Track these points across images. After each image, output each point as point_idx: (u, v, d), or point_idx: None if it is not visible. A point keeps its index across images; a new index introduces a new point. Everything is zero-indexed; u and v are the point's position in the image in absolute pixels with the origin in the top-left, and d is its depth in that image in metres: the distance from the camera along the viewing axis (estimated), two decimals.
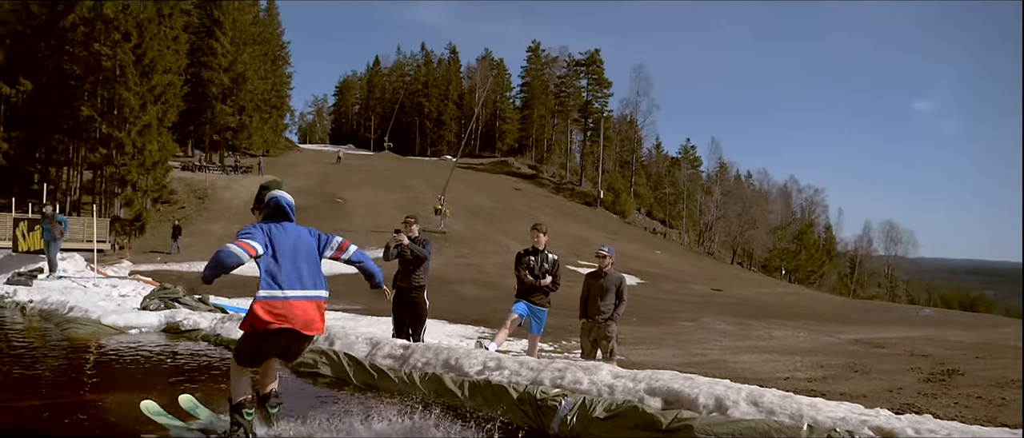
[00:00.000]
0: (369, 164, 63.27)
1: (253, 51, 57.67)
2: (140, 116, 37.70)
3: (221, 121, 54.64)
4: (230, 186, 46.93)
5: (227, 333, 7.74)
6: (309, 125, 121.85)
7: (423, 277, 8.00)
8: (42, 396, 5.46)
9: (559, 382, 5.07)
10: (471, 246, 38.25)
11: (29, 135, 41.59)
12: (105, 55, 37.47)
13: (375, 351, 6.33)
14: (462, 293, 24.53)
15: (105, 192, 39.34)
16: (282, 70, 70.87)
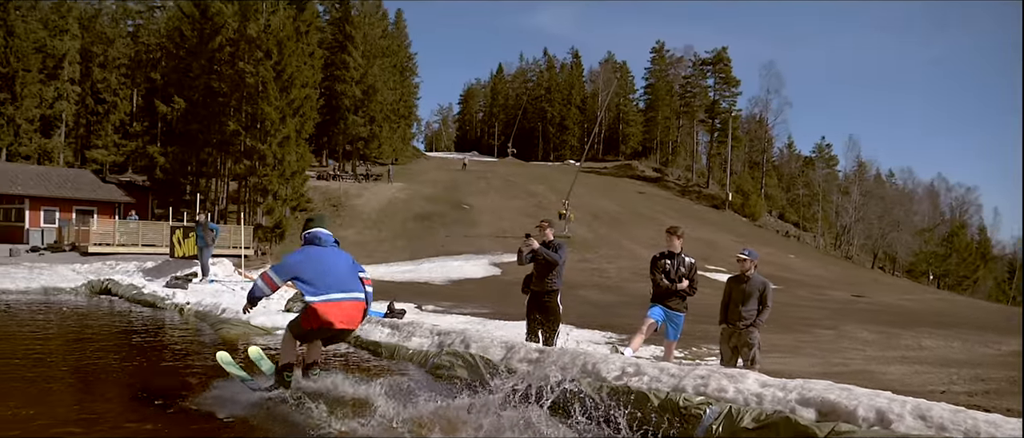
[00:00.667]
0: (494, 170, 64.11)
1: (383, 63, 59.76)
2: (280, 129, 39.79)
3: (353, 131, 56.90)
4: (362, 194, 48.74)
5: (366, 335, 7.98)
6: (435, 133, 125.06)
7: (556, 281, 7.97)
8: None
9: (702, 390, 4.89)
10: (595, 251, 37.99)
11: (183, 149, 44.92)
12: (248, 72, 39.84)
13: (510, 354, 6.34)
14: (587, 298, 24.37)
15: (249, 201, 41.74)
16: (410, 81, 73.06)
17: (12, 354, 7.42)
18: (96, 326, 10.22)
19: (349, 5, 62.06)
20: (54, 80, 57.77)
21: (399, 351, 7.30)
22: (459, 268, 33.14)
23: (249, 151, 40.50)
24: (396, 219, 43.83)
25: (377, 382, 5.53)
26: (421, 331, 7.54)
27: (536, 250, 7.83)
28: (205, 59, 43.49)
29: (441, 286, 27.66)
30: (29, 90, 55.63)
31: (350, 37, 57.27)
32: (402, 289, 23.50)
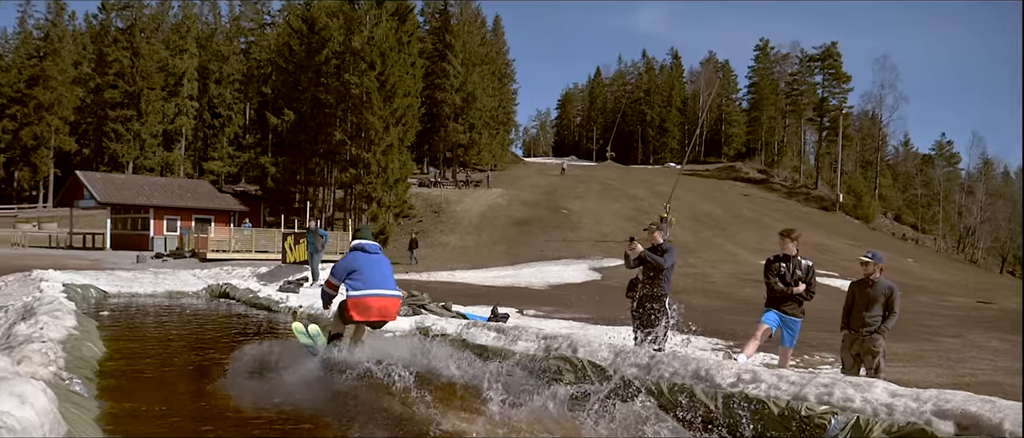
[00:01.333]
0: (593, 175, 63.74)
1: (482, 71, 60.54)
2: (383, 138, 40.83)
3: (453, 138, 57.82)
4: (462, 200, 49.41)
5: (472, 338, 7.98)
6: (533, 139, 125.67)
7: (664, 286, 7.77)
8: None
9: (826, 398, 4.60)
10: (698, 255, 37.13)
11: (292, 159, 46.79)
12: (354, 84, 41.09)
13: (619, 359, 6.18)
14: (690, 303, 23.66)
15: (354, 208, 43.00)
16: (508, 87, 73.72)
17: (143, 353, 7.81)
18: (217, 328, 10.68)
19: (448, 14, 63.19)
20: (175, 97, 61.41)
21: (505, 354, 7.26)
22: (559, 273, 33.05)
23: (354, 160, 41.73)
24: (496, 224, 44.17)
25: (485, 379, 5.49)
26: (527, 335, 7.48)
27: (642, 254, 7.67)
28: (312, 72, 45.16)
29: (541, 291, 27.63)
30: (153, 107, 59.34)
31: (450, 46, 58.29)
32: (502, 294, 23.60)
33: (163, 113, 60.53)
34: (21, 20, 76.35)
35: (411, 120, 44.60)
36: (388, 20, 43.80)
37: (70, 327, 6.93)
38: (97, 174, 45.34)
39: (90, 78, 63.21)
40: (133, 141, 59.07)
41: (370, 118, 40.47)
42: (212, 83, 64.48)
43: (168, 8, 68.25)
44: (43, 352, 4.75)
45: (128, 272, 19.90)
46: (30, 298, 10.21)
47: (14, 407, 2.70)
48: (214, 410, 5.30)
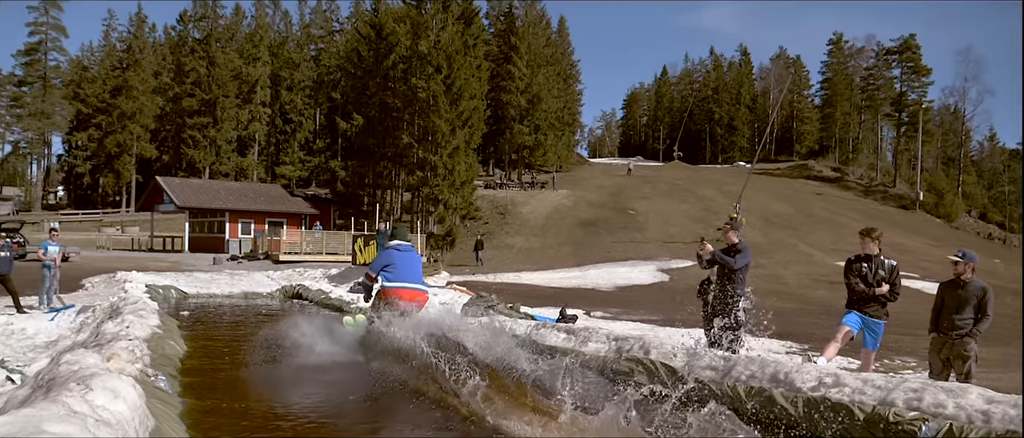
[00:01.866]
0: (659, 175, 62.95)
1: (547, 72, 60.45)
2: (450, 140, 41.15)
3: (518, 140, 57.90)
4: (528, 202, 49.42)
5: (542, 339, 7.94)
6: (598, 139, 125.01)
7: (738, 287, 7.58)
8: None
9: (915, 404, 4.41)
10: (769, 256, 36.26)
11: (360, 163, 47.62)
12: (420, 87, 41.55)
13: (693, 361, 6.06)
14: (761, 305, 23.14)
15: (421, 211, 43.46)
16: (573, 88, 73.47)
17: (220, 352, 8.04)
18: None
19: (514, 16, 63.35)
20: (248, 104, 63.26)
21: (576, 356, 7.19)
22: (626, 274, 32.75)
23: (421, 163, 42.19)
24: (562, 226, 44.04)
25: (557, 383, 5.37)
26: (597, 336, 7.40)
27: (712, 254, 7.52)
28: (380, 77, 45.87)
29: (608, 292, 27.43)
30: (228, 114, 61.27)
31: (515, 47, 58.41)
32: (569, 295, 23.50)
33: (237, 120, 62.43)
34: (106, 33, 79.98)
35: (477, 122, 44.83)
36: (454, 24, 44.14)
37: (153, 326, 7.17)
38: (176, 179, 47.00)
39: (169, 87, 65.65)
40: (209, 147, 61.09)
41: (437, 121, 40.85)
42: (284, 90, 66.15)
43: (242, 18, 70.42)
44: (130, 349, 4.92)
45: (205, 274, 20.56)
46: (116, 298, 10.62)
47: (108, 401, 2.79)
48: (288, 407, 5.39)
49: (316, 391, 6.15)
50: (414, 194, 44.46)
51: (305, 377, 6.64)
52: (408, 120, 43.51)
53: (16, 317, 11.67)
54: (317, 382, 6.54)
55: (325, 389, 6.25)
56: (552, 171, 61.55)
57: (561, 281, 30.35)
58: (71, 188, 78.37)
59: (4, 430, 2.20)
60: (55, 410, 2.44)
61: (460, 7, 46.66)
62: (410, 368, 6.17)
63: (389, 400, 5.78)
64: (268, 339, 7.77)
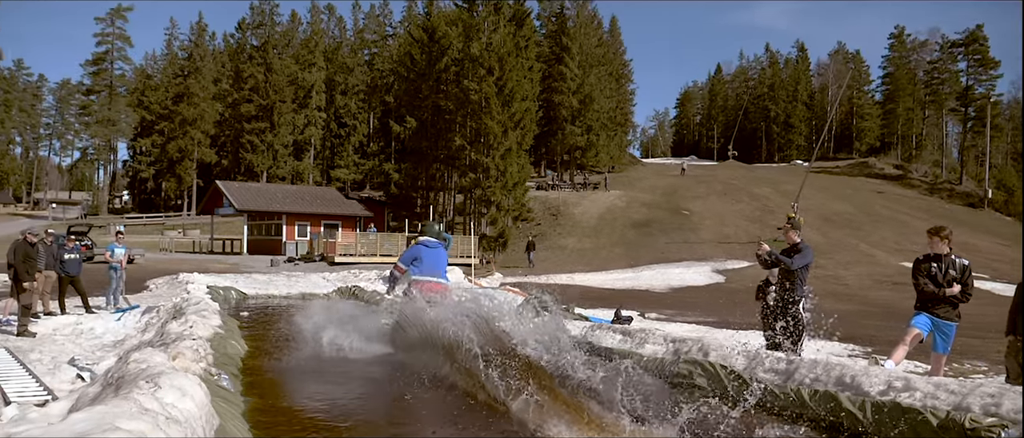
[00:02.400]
0: (714, 174, 62.07)
1: (599, 72, 60.14)
2: (502, 142, 41.24)
3: (570, 141, 57.72)
4: (580, 202, 49.22)
5: (597, 341, 7.87)
6: (651, 139, 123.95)
7: (799, 288, 7.39)
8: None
9: (994, 410, 4.21)
10: (829, 256, 35.42)
11: (414, 166, 48.08)
12: (473, 89, 41.74)
13: (754, 364, 5.91)
14: (821, 307, 22.60)
15: (473, 212, 43.67)
16: (625, 87, 72.99)
17: (280, 352, 8.16)
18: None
19: (565, 17, 63.19)
20: (304, 109, 64.44)
21: (632, 357, 7.10)
22: (680, 275, 32.38)
23: (474, 164, 42.37)
24: (615, 226, 43.73)
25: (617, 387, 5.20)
26: (654, 338, 7.29)
27: (769, 254, 7.35)
28: (433, 80, 46.25)
29: (662, 293, 27.13)
30: (284, 119, 62.51)
31: (566, 48, 58.26)
32: (623, 296, 23.33)
33: (293, 124, 63.65)
34: (168, 42, 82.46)
35: (529, 124, 44.85)
36: (506, 25, 44.24)
37: (215, 326, 7.32)
38: (235, 183, 48.11)
39: (228, 93, 67.31)
40: (266, 151, 62.41)
41: (489, 123, 40.98)
42: (338, 94, 67.23)
43: (298, 25, 71.81)
44: (194, 349, 5.02)
45: (264, 275, 20.98)
46: (179, 299, 10.89)
47: (177, 399, 2.85)
48: (347, 407, 5.43)
49: (372, 390, 6.19)
50: (466, 196, 44.66)
51: (362, 374, 6.69)
52: (460, 122, 43.74)
53: (85, 317, 12.07)
54: (373, 380, 6.59)
55: (381, 387, 6.29)
56: (604, 172, 61.19)
57: (614, 282, 30.15)
58: (136, 192, 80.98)
59: (80, 426, 2.25)
60: (128, 407, 2.50)
61: (511, 9, 46.76)
62: (457, 368, 6.12)
63: (440, 400, 5.76)
64: (330, 340, 7.87)
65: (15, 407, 4.84)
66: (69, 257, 12.84)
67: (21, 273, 10.51)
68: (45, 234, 12.84)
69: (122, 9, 74.56)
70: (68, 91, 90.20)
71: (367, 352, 7.59)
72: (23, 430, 3.09)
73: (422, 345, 6.97)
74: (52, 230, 13.99)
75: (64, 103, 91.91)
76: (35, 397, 5.73)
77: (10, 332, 10.34)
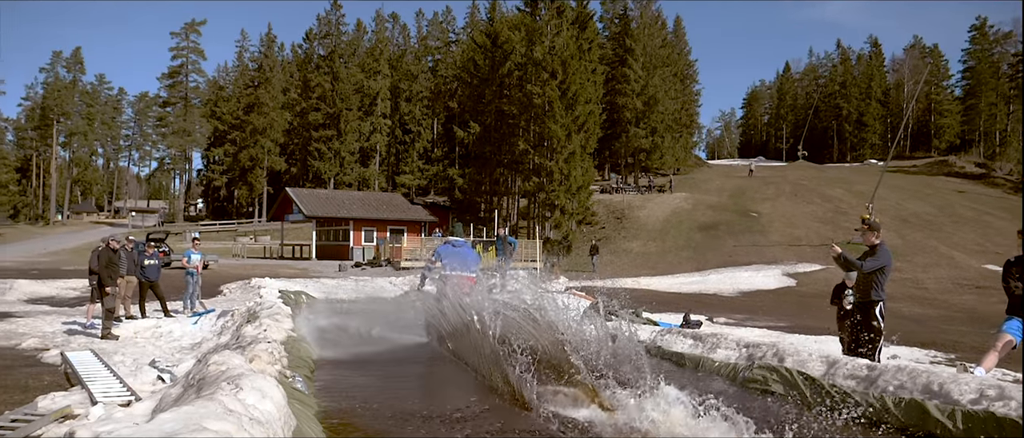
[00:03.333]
0: (783, 175, 60.61)
1: (663, 73, 59.49)
2: (566, 146, 41.14)
3: (634, 143, 57.21)
4: (644, 205, 48.67)
5: (667, 345, 7.74)
6: (717, 140, 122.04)
7: (876, 291, 7.12)
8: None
9: None
10: (906, 259, 34.16)
11: (477, 170, 48.37)
12: (536, 93, 41.77)
13: (833, 370, 5.71)
14: (899, 311, 21.86)
15: (537, 216, 43.68)
16: (690, 88, 71.98)
17: (349, 355, 8.29)
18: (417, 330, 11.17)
19: (628, 18, 62.75)
20: (370, 116, 65.53)
21: (704, 363, 6.95)
22: (749, 279, 31.70)
23: (537, 168, 42.37)
24: (680, 229, 43.10)
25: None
26: (726, 343, 7.12)
27: (842, 257, 7.13)
28: (496, 85, 46.48)
29: (731, 298, 26.60)
30: (350, 126, 63.68)
31: (630, 50, 57.81)
32: (689, 301, 22.96)
33: (359, 131, 64.78)
34: (239, 54, 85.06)
35: (592, 127, 44.64)
36: (568, 29, 44.16)
37: (288, 329, 7.46)
38: (304, 190, 49.22)
39: (296, 103, 68.95)
40: (333, 159, 63.66)
41: (552, 127, 40.94)
42: (403, 101, 68.15)
43: (363, 34, 73.10)
44: (269, 351, 5.11)
45: (332, 280, 21.39)
46: (252, 303, 11.16)
47: (257, 400, 2.90)
48: (413, 409, 5.46)
49: (440, 390, 6.22)
50: (530, 200, 44.70)
51: (431, 375, 6.73)
52: (524, 126, 43.82)
53: (164, 321, 12.49)
54: (446, 382, 6.62)
55: (449, 389, 6.31)
56: (669, 174, 60.46)
57: (681, 286, 29.70)
58: (209, 200, 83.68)
59: (169, 426, 2.30)
60: (213, 408, 2.54)
61: (574, 12, 46.65)
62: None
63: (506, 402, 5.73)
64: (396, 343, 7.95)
65: (101, 407, 5.02)
66: (149, 263, 13.32)
67: (104, 278, 10.93)
68: (126, 241, 13.34)
69: (196, 23, 77.28)
70: (146, 104, 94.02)
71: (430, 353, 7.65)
72: (111, 429, 3.18)
73: (451, 336, 7.45)
74: (132, 237, 14.51)
75: (142, 115, 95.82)
76: (119, 397, 5.93)
77: (94, 335, 10.76)
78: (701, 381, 6.43)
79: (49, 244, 52.33)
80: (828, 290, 10.35)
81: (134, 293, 13.22)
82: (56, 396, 6.00)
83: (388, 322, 10.66)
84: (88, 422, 4.41)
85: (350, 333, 10.34)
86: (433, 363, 7.78)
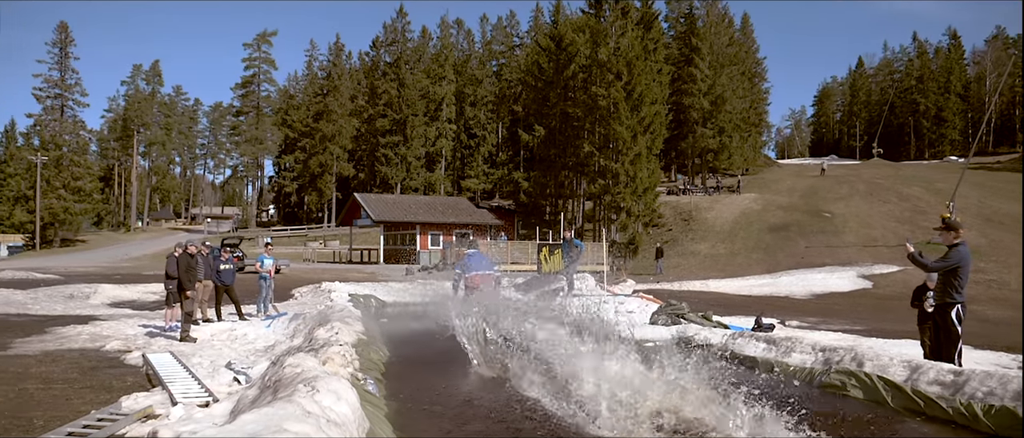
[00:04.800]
0: (857, 174, 58.74)
1: (730, 72, 58.40)
2: (631, 147, 40.76)
3: (701, 144, 56.31)
4: (713, 207, 47.82)
5: (740, 349, 7.57)
6: (787, 139, 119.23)
7: (952, 293, 6.81)
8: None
9: None
10: (991, 259, 32.71)
11: (542, 174, 48.35)
12: (601, 95, 41.51)
13: (916, 375, 5.49)
14: (981, 314, 20.90)
15: (603, 219, 43.38)
16: (759, 87, 70.45)
17: (418, 357, 8.39)
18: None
19: (694, 17, 61.87)
20: (435, 121, 66.29)
21: (778, 367, 6.76)
22: (822, 281, 30.83)
23: (602, 171, 42.10)
24: (750, 231, 42.20)
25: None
26: (801, 346, 6.92)
27: (912, 256, 6.86)
28: (560, 87, 46.38)
29: (803, 300, 25.90)
30: (416, 132, 64.53)
31: (696, 49, 56.95)
32: (760, 303, 22.43)
33: (425, 137, 65.57)
34: (308, 63, 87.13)
35: (658, 128, 44.12)
36: (633, 29, 43.76)
37: (359, 332, 7.58)
38: (372, 195, 50.03)
39: (364, 109, 70.24)
40: (400, 164, 64.60)
41: (618, 128, 40.62)
42: (467, 105, 68.68)
43: (428, 40, 74.00)
44: (342, 354, 5.20)
45: (400, 283, 21.66)
46: (323, 306, 11.39)
47: (333, 402, 2.95)
48: (479, 412, 5.48)
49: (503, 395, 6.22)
50: (596, 202, 44.42)
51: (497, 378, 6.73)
52: (589, 129, 43.61)
53: (239, 324, 12.85)
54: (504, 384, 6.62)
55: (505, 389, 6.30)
56: (738, 174, 59.27)
57: (751, 289, 29.07)
58: (280, 206, 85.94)
59: (251, 428, 2.35)
60: (292, 410, 2.59)
61: (639, 12, 46.23)
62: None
63: None
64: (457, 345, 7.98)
65: (181, 407, 5.19)
66: (224, 267, 13.73)
67: (185, 283, 11.31)
68: (202, 246, 13.78)
69: (267, 34, 79.63)
70: (220, 113, 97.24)
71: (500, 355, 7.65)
72: (192, 429, 3.27)
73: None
74: (208, 243, 14.98)
75: (217, 124, 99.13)
76: (198, 398, 6.11)
77: (173, 337, 11.14)
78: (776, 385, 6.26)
79: (130, 250, 54.56)
80: (907, 292, 9.98)
81: (210, 297, 13.64)
82: (138, 396, 6.22)
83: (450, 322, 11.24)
84: (169, 422, 4.56)
85: (418, 334, 10.47)
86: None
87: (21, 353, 9.50)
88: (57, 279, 24.76)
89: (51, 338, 11.02)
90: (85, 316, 14.22)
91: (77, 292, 19.88)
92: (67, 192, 61.72)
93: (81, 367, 8.44)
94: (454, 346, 7.95)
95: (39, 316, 14.51)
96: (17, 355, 9.32)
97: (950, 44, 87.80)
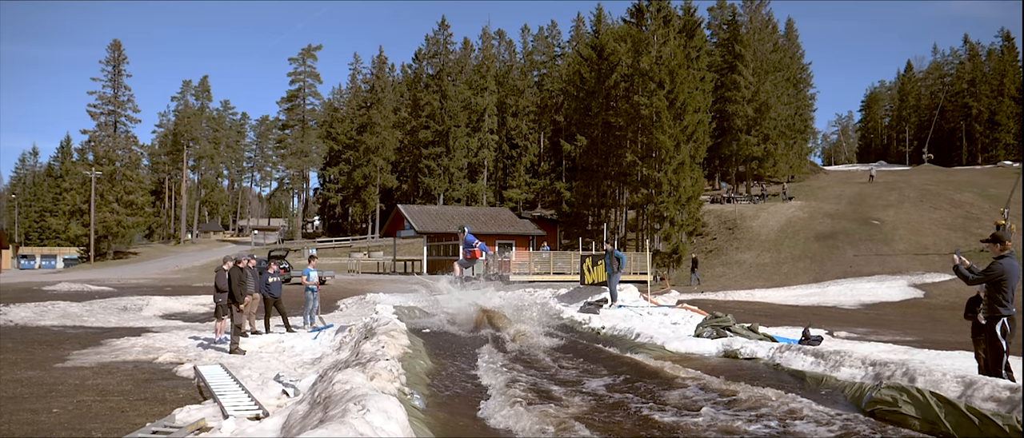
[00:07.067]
0: (907, 180, 57.41)
1: (775, 78, 57.65)
2: (674, 156, 40.44)
3: (746, 152, 55.63)
4: (758, 215, 47.18)
5: (787, 363, 7.46)
6: (834, 145, 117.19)
7: (999, 306, 6.62)
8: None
9: None
10: None
11: (585, 183, 48.24)
12: (643, 104, 41.30)
13: (970, 391, 5.35)
14: None
15: (646, 228, 43.04)
16: (804, 93, 69.41)
17: (463, 371, 8.42)
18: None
19: (737, 24, 61.28)
20: (477, 132, 66.65)
21: (826, 381, 6.65)
22: (871, 290, 30.21)
23: (645, 180, 41.84)
24: (796, 239, 41.53)
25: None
26: (850, 360, 6.80)
27: (957, 267, 6.70)
28: (602, 97, 46.29)
29: (852, 310, 25.38)
30: (458, 142, 64.95)
31: (739, 56, 56.37)
32: (807, 314, 22.03)
33: (467, 148, 65.97)
34: (352, 76, 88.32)
35: (702, 136, 43.71)
36: (675, 37, 43.48)
37: (404, 345, 7.66)
38: (414, 207, 50.43)
39: (406, 121, 70.99)
40: (442, 175, 65.06)
41: (660, 137, 40.37)
42: (509, 116, 68.90)
43: (470, 52, 74.50)
44: (389, 369, 5.27)
45: (444, 294, 21.75)
46: (369, 319, 11.52)
47: (383, 422, 3.00)
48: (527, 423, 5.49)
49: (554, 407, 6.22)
50: (639, 212, 44.15)
51: (540, 390, 6.74)
52: (631, 138, 43.41)
53: (286, 336, 13.06)
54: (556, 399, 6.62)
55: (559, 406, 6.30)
56: (783, 182, 58.38)
57: (798, 298, 28.61)
58: (325, 217, 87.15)
59: None
60: (345, 432, 2.64)
61: (681, 20, 45.94)
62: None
63: None
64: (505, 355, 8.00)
65: (233, 421, 5.30)
66: (272, 280, 13.99)
67: (237, 296, 11.56)
68: (250, 260, 14.07)
69: (312, 49, 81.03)
70: (266, 127, 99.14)
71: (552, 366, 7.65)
72: None
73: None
74: (255, 256, 15.28)
75: (263, 138, 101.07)
76: (248, 411, 6.24)
77: (223, 349, 11.38)
78: (825, 400, 6.16)
79: (180, 261, 55.83)
80: (961, 302, 9.73)
81: (258, 309, 13.90)
82: (191, 409, 6.37)
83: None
84: (221, 436, 4.66)
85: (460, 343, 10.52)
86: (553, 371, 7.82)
87: (78, 365, 9.81)
88: (111, 291, 25.47)
89: (106, 350, 11.35)
90: (138, 328, 14.61)
91: (130, 304, 20.43)
92: (120, 206, 63.48)
93: (135, 379, 8.68)
94: (499, 356, 7.98)
95: (95, 328, 14.95)
96: (75, 367, 9.63)
97: (1003, 46, 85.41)
